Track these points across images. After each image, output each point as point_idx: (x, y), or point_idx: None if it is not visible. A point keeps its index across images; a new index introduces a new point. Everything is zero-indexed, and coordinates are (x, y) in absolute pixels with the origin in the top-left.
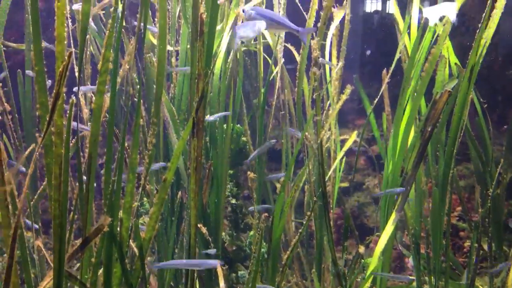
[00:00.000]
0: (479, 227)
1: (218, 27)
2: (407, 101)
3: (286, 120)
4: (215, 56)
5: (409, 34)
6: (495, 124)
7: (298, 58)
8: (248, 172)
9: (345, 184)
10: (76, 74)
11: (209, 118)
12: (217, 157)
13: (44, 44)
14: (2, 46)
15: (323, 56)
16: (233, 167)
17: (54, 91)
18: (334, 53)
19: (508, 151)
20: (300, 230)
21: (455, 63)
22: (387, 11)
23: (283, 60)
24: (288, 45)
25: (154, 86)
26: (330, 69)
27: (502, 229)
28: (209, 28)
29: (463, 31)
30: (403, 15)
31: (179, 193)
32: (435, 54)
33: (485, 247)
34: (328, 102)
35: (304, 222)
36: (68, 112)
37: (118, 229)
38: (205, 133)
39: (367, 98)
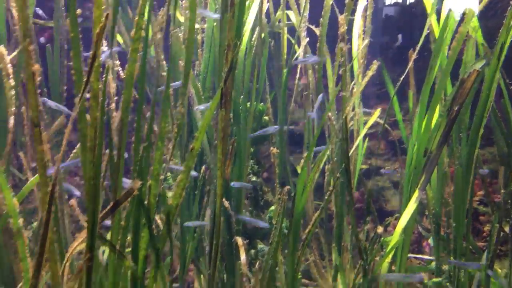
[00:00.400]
0: (501, 208)
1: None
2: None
3: (309, 101)
4: (243, 29)
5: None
6: None
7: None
8: (271, 148)
9: (365, 166)
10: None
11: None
12: (239, 134)
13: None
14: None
15: (349, 33)
16: (254, 145)
17: (91, 53)
18: (361, 34)
19: None
20: (321, 206)
21: (482, 44)
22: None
23: (307, 39)
24: (312, 27)
25: (180, 62)
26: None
27: None
28: None
29: (490, 15)
30: None
31: (202, 168)
32: (463, 33)
33: (507, 229)
34: (353, 83)
35: (326, 198)
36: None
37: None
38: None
39: (390, 81)
